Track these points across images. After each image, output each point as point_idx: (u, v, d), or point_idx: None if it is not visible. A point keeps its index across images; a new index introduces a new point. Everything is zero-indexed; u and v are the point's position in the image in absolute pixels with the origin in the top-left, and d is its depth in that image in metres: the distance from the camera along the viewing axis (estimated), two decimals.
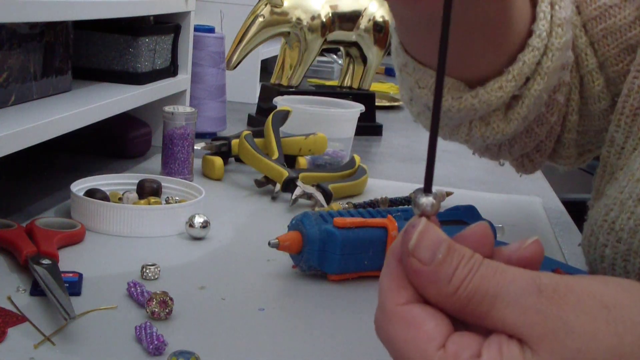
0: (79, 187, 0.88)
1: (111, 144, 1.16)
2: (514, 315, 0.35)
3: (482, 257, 0.37)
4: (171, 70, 1.22)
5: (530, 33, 0.70)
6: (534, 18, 0.70)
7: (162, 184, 0.93)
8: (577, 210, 0.64)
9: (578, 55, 0.76)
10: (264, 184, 1.03)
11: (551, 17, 0.70)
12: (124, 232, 0.82)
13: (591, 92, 0.77)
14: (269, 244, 0.73)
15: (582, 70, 0.76)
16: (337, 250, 0.72)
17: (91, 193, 0.86)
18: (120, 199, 0.89)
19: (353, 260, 0.74)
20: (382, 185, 1.12)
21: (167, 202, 0.91)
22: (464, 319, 0.37)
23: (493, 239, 0.39)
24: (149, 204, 0.87)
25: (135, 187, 0.91)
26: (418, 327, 0.36)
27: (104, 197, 0.87)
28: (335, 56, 2.29)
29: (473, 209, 0.87)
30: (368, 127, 1.50)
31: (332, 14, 1.46)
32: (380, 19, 1.51)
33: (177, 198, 0.93)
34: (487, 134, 0.74)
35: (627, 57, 0.73)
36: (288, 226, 0.76)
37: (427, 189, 0.37)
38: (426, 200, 0.37)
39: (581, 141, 0.82)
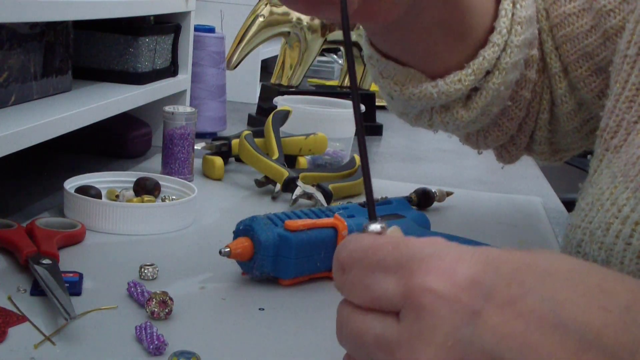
0: (72, 184, 0.88)
1: (111, 144, 1.16)
2: None
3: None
4: (171, 70, 1.22)
5: (492, 29, 0.74)
6: (496, 15, 0.74)
7: (161, 182, 0.93)
8: None
9: (545, 57, 0.80)
10: (264, 184, 1.03)
11: (512, 15, 0.74)
12: (113, 229, 0.82)
13: (557, 94, 0.80)
14: (220, 252, 0.70)
15: (549, 72, 0.80)
16: (292, 254, 0.71)
17: (83, 190, 0.86)
18: (117, 197, 0.89)
19: (306, 263, 0.73)
20: (382, 185, 1.12)
21: (162, 200, 0.91)
22: None
23: None
24: (142, 202, 0.88)
25: (132, 185, 0.92)
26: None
27: (97, 193, 0.87)
28: (335, 56, 2.29)
29: (405, 202, 0.89)
30: (368, 127, 1.50)
31: None
32: None
33: (174, 197, 0.93)
34: (447, 119, 0.78)
35: (585, 63, 0.76)
36: (234, 232, 0.73)
37: (372, 217, 0.41)
38: (374, 226, 0.41)
39: (552, 139, 0.85)
